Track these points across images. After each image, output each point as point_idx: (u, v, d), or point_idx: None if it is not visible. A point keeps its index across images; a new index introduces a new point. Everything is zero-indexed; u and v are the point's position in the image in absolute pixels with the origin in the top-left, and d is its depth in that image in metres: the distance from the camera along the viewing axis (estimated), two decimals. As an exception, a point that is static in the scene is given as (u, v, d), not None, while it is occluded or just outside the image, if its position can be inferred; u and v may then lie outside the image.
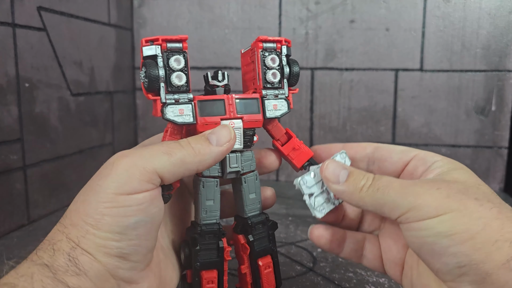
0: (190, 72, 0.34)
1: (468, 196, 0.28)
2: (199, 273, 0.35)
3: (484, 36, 0.81)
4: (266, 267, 0.38)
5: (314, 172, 0.35)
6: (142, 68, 0.33)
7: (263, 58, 0.37)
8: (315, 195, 0.35)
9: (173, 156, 0.29)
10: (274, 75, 0.37)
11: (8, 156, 0.59)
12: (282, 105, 0.37)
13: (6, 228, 0.59)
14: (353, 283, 0.46)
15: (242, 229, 0.38)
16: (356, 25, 0.85)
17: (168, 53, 0.33)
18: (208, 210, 0.35)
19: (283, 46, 0.37)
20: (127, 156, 0.29)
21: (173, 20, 0.91)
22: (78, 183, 0.74)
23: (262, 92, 0.36)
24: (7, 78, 0.58)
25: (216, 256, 0.35)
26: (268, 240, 0.38)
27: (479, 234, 0.27)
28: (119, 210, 0.27)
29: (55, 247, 0.27)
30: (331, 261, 0.52)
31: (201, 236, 0.35)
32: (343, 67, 0.86)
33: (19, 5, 0.59)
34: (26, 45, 0.61)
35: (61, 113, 0.70)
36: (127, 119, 0.92)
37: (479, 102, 0.83)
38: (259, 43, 0.37)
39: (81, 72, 0.75)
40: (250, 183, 0.37)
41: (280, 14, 0.87)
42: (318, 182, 0.35)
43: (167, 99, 0.33)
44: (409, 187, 0.30)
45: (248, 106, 0.36)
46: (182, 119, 0.33)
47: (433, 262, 0.28)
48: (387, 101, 0.85)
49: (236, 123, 0.35)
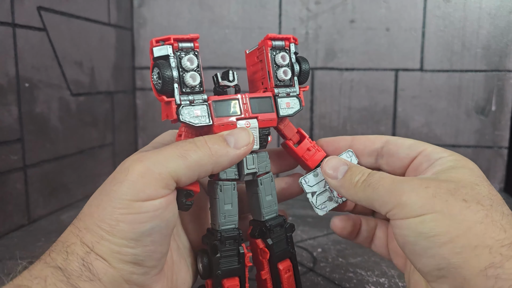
0: (202, 71, 0.33)
1: (455, 197, 0.28)
2: (220, 282, 0.33)
3: (484, 36, 0.81)
4: (286, 271, 0.37)
5: (317, 172, 0.35)
6: (154, 69, 0.32)
7: (273, 56, 0.36)
8: (317, 193, 0.35)
9: (188, 159, 0.29)
10: (285, 72, 0.36)
11: (8, 156, 0.59)
12: (294, 103, 0.36)
13: (6, 228, 0.59)
14: (353, 283, 0.46)
15: (260, 233, 0.36)
16: (356, 25, 0.85)
17: (180, 52, 0.32)
18: (226, 214, 0.34)
19: (291, 43, 0.37)
20: (142, 161, 0.28)
21: (173, 20, 0.91)
22: (78, 183, 0.74)
23: (274, 90, 0.36)
24: (7, 78, 0.58)
25: (237, 263, 0.34)
26: (286, 243, 0.37)
27: (459, 238, 0.26)
28: (134, 217, 0.27)
29: (68, 250, 0.27)
30: (331, 261, 0.52)
31: (221, 243, 0.33)
32: (343, 67, 0.86)
33: (19, 5, 0.59)
34: (26, 45, 0.61)
35: (61, 113, 0.70)
36: (127, 119, 0.92)
37: (479, 102, 0.83)
38: (268, 41, 0.36)
39: (81, 72, 0.75)
40: (266, 184, 0.36)
41: (280, 14, 0.87)
42: (320, 181, 0.35)
43: (182, 100, 0.32)
44: (397, 184, 0.29)
45: (262, 105, 0.35)
46: (198, 121, 0.32)
47: (415, 262, 0.29)
48: (388, 101, 0.85)
49: (251, 123, 0.34)
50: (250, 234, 0.37)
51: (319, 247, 0.56)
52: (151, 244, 0.28)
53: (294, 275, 0.37)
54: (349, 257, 0.53)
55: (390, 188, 0.29)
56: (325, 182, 0.35)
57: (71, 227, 0.29)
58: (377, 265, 0.50)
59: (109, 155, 0.85)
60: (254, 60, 0.38)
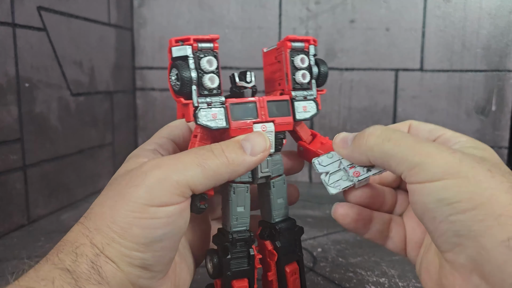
0: (221, 73, 0.33)
1: (481, 166, 0.27)
2: (230, 283, 0.34)
3: (485, 36, 0.81)
4: (293, 274, 0.37)
5: (332, 153, 0.34)
6: (172, 70, 0.32)
7: (292, 59, 0.35)
8: (330, 173, 0.34)
9: (206, 168, 0.29)
10: (304, 76, 0.35)
11: (8, 156, 0.59)
12: (311, 107, 0.36)
13: (6, 228, 0.59)
14: (353, 283, 0.46)
15: (269, 235, 0.36)
16: (356, 25, 0.85)
17: (199, 53, 0.32)
18: (238, 217, 0.34)
19: (310, 45, 0.36)
20: (160, 167, 0.28)
21: (173, 20, 0.91)
22: (78, 183, 0.74)
23: (292, 93, 0.35)
24: (7, 78, 0.58)
25: (247, 265, 0.34)
26: (295, 246, 0.37)
27: (484, 206, 0.25)
28: (148, 222, 0.27)
29: (77, 251, 0.26)
30: (331, 261, 0.52)
31: (232, 245, 0.33)
32: (343, 67, 0.86)
33: (19, 5, 0.59)
34: (26, 45, 0.61)
35: (61, 113, 0.70)
36: (127, 119, 0.92)
37: (479, 102, 0.83)
38: (287, 43, 0.35)
39: (81, 72, 0.75)
40: (278, 187, 0.36)
41: (280, 14, 0.87)
42: (334, 162, 0.34)
43: (200, 102, 0.32)
44: (423, 143, 0.28)
45: (279, 108, 0.34)
46: (215, 124, 0.32)
47: (433, 230, 0.27)
48: (388, 101, 0.85)
49: (268, 127, 0.34)
50: (259, 235, 0.37)
51: (319, 247, 0.56)
52: (161, 249, 0.28)
53: (300, 278, 0.37)
54: (349, 257, 0.53)
55: (414, 145, 0.28)
56: (339, 162, 0.34)
57: (79, 227, 0.28)
58: (377, 265, 0.50)
59: (109, 155, 0.85)
60: (271, 59, 0.38)
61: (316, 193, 0.82)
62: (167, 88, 0.35)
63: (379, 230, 0.35)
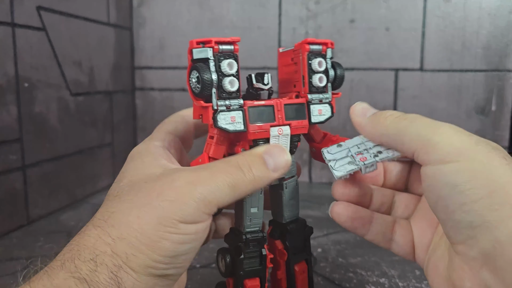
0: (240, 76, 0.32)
1: (497, 153, 0.26)
2: (242, 282, 0.35)
3: (485, 36, 0.81)
4: (302, 273, 0.38)
5: (341, 143, 0.35)
6: (193, 72, 0.32)
7: (309, 62, 0.35)
8: (337, 159, 0.34)
9: (236, 189, 0.29)
10: (321, 79, 0.35)
11: (7, 156, 0.58)
12: (326, 110, 0.36)
13: (5, 228, 0.59)
14: (353, 283, 0.46)
15: (280, 235, 0.37)
16: (356, 25, 0.85)
17: (219, 56, 0.32)
18: (252, 217, 0.34)
19: (328, 48, 0.36)
20: (195, 185, 0.28)
21: (173, 20, 0.91)
22: (77, 183, 0.74)
23: (308, 96, 0.35)
24: (7, 78, 0.58)
25: (259, 264, 0.35)
26: (304, 246, 0.38)
27: (498, 193, 0.24)
28: (178, 237, 0.27)
29: (97, 259, 0.26)
30: (331, 261, 0.52)
31: (246, 245, 0.34)
32: (343, 66, 0.86)
33: (19, 4, 0.59)
34: (25, 45, 0.61)
35: (61, 113, 0.70)
36: (126, 119, 0.92)
37: (479, 102, 0.83)
38: (306, 45, 0.35)
39: (81, 72, 0.75)
40: (290, 188, 0.36)
41: (280, 14, 0.87)
42: (343, 150, 0.34)
43: (219, 105, 0.32)
44: (439, 123, 0.28)
45: (295, 111, 0.35)
46: (233, 127, 0.32)
47: (445, 220, 0.27)
48: (388, 101, 0.85)
49: (284, 130, 0.34)
50: (269, 234, 0.38)
51: (319, 247, 0.56)
52: (184, 262, 0.28)
53: (308, 277, 0.38)
54: (349, 257, 0.53)
55: (430, 123, 0.28)
56: (347, 151, 0.34)
57: (98, 231, 0.27)
58: (377, 265, 0.50)
59: (108, 155, 0.85)
60: (288, 61, 0.37)
61: (316, 194, 0.82)
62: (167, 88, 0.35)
63: (381, 231, 0.34)
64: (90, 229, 0.28)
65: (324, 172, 0.89)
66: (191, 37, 1.00)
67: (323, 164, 0.95)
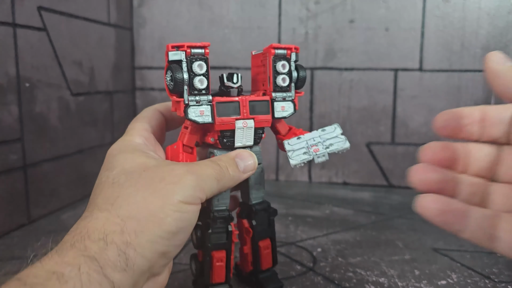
0: (210, 76, 0.38)
1: None
2: (210, 253, 0.40)
3: (484, 36, 0.81)
4: (266, 248, 0.43)
5: (300, 136, 0.40)
6: (168, 72, 0.37)
7: (274, 64, 0.40)
8: (295, 149, 0.39)
9: (220, 183, 0.35)
10: (284, 80, 0.41)
11: (8, 156, 0.59)
12: (289, 107, 0.41)
13: (6, 228, 0.59)
14: (353, 282, 0.46)
15: (247, 215, 0.43)
16: (356, 25, 0.85)
17: (191, 58, 0.37)
18: (219, 198, 0.40)
19: (292, 52, 0.41)
20: (193, 174, 0.33)
21: (173, 20, 0.91)
22: (78, 183, 0.75)
23: (272, 94, 0.40)
24: (8, 78, 0.58)
25: (225, 239, 0.40)
26: (268, 225, 0.43)
27: None
28: (180, 215, 0.31)
29: (107, 239, 0.28)
30: (331, 261, 0.52)
31: (213, 221, 0.39)
32: (343, 67, 0.86)
33: (20, 5, 0.59)
34: (26, 44, 0.61)
35: (61, 112, 0.70)
36: (126, 118, 0.92)
37: (478, 101, 0.83)
38: (271, 50, 0.40)
39: (81, 72, 0.75)
40: (256, 174, 0.41)
41: (279, 14, 0.87)
42: (301, 142, 0.40)
43: (190, 100, 0.37)
44: None
45: (259, 107, 0.40)
46: (202, 119, 0.37)
47: None
48: (387, 100, 0.86)
49: (248, 123, 0.39)
50: (238, 214, 0.44)
51: (318, 247, 0.56)
52: (179, 240, 0.32)
53: (272, 253, 0.44)
54: (349, 257, 0.53)
55: None
56: (305, 143, 0.40)
57: (106, 214, 0.30)
58: (377, 265, 0.50)
59: (109, 155, 0.85)
60: (258, 62, 0.43)
61: (315, 193, 0.82)
62: (166, 88, 0.38)
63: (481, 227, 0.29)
64: (97, 213, 0.31)
65: (323, 172, 0.89)
66: (191, 37, 1.01)
67: (323, 164, 0.96)
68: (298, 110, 0.74)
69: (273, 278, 0.44)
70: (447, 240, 0.59)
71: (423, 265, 0.51)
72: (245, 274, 0.45)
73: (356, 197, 0.80)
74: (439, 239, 0.59)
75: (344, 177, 0.89)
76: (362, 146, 0.87)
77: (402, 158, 0.86)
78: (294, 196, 0.80)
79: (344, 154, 0.88)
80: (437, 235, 0.60)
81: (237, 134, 0.39)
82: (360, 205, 0.74)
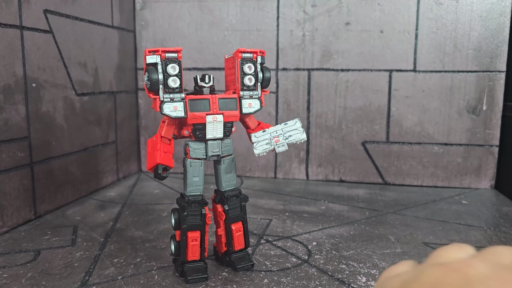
0: (183, 76, 0.43)
1: None
2: (185, 233, 0.45)
3: (476, 38, 0.83)
4: (238, 231, 0.49)
5: (266, 130, 0.46)
6: (145, 73, 0.43)
7: (241, 66, 0.46)
8: (259, 141, 0.46)
9: None
10: (250, 80, 0.46)
11: (16, 153, 0.61)
12: (255, 104, 0.47)
13: (14, 222, 0.61)
14: (345, 274, 0.48)
15: (220, 200, 0.48)
16: (352, 27, 0.87)
17: (166, 61, 0.43)
18: (194, 184, 0.46)
19: (258, 56, 0.47)
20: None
21: (174, 22, 0.93)
22: (82, 180, 0.77)
23: (240, 93, 0.46)
24: (15, 79, 0.60)
25: (200, 220, 0.46)
26: (240, 210, 0.49)
27: None
28: None
29: None
30: (325, 254, 0.54)
31: (188, 205, 0.45)
32: (339, 68, 0.88)
33: (27, 8, 0.62)
34: (33, 46, 0.63)
35: (66, 112, 0.72)
36: (129, 118, 0.94)
37: (470, 101, 0.85)
38: (239, 53, 0.46)
39: (86, 72, 0.77)
40: (227, 164, 0.48)
41: (278, 17, 0.89)
42: (265, 134, 0.46)
43: (164, 98, 0.43)
44: None
45: (228, 104, 0.46)
46: (175, 114, 0.43)
47: None
48: (382, 100, 0.88)
49: (218, 118, 0.45)
50: (213, 200, 0.49)
51: (314, 241, 0.58)
52: None
53: (244, 235, 0.49)
54: (342, 250, 0.55)
55: None
56: (269, 135, 0.45)
57: None
58: (369, 258, 0.52)
59: (112, 153, 0.87)
60: (229, 65, 0.48)
61: (312, 190, 0.84)
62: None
63: None
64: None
65: (320, 169, 0.91)
66: (192, 39, 1.03)
67: (319, 162, 0.97)
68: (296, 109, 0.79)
69: (245, 258, 0.49)
70: (437, 234, 0.61)
71: (413, 258, 0.53)
72: (221, 255, 0.50)
73: (351, 194, 0.82)
74: (429, 234, 0.61)
75: (340, 174, 0.91)
76: (358, 144, 0.90)
77: (396, 156, 0.89)
78: (291, 193, 0.82)
79: (340, 152, 0.90)
80: (428, 230, 0.62)
81: (208, 128, 0.44)
82: (355, 202, 0.76)
